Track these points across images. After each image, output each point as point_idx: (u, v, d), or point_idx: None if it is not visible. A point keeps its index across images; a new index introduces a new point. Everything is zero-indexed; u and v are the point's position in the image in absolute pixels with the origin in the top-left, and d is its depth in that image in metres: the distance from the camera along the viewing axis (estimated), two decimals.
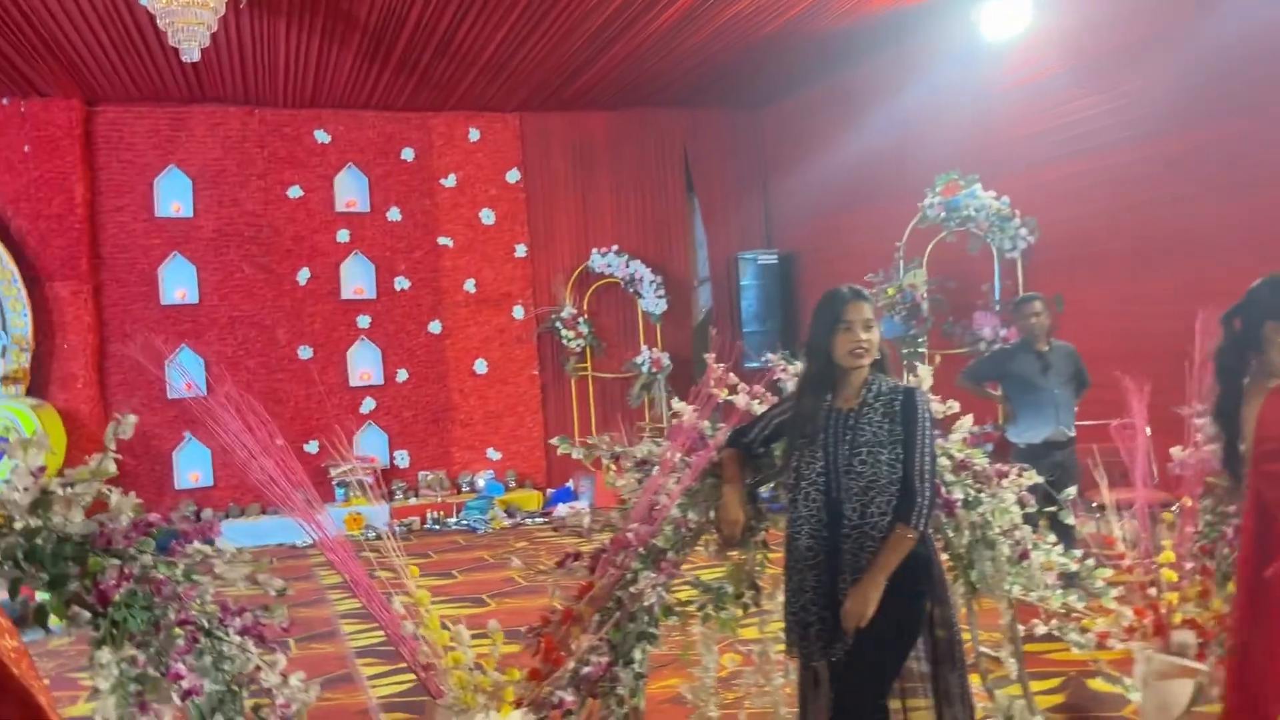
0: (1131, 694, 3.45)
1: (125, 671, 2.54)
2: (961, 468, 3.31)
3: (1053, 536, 3.41)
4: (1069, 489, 3.64)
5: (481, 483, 11.26)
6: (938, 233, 8.90)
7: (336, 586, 7.93)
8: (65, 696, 5.33)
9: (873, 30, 9.40)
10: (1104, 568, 3.45)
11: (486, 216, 11.60)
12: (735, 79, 10.86)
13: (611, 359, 11.94)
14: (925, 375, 3.35)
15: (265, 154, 10.85)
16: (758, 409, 3.29)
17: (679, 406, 3.30)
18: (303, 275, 10.95)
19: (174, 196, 10.59)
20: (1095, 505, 3.94)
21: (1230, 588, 3.30)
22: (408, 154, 11.36)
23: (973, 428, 3.54)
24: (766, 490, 3.37)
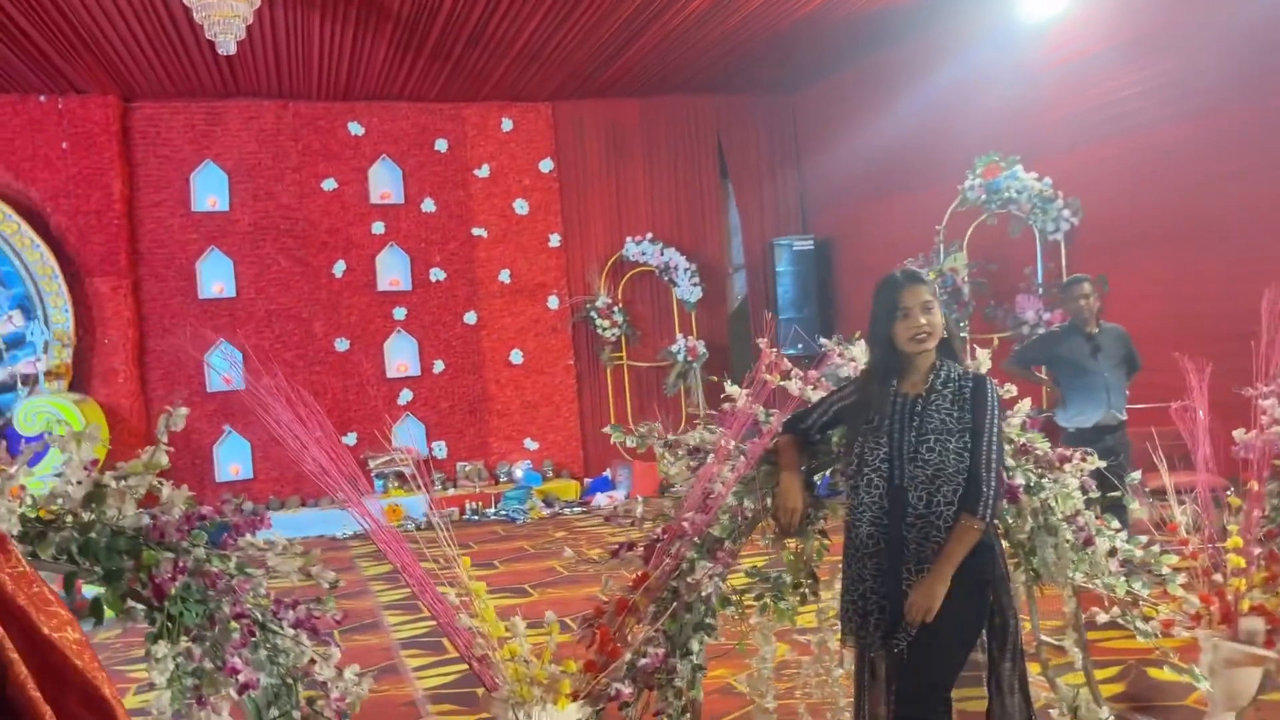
0: (1200, 683, 3.36)
1: (181, 665, 2.52)
2: (1022, 452, 3.22)
3: (1116, 523, 3.32)
4: (1133, 473, 3.54)
5: (519, 473, 11.26)
6: (978, 215, 8.78)
7: (379, 578, 7.95)
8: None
9: (906, 12, 9.28)
10: (1169, 554, 3.36)
11: (520, 206, 11.57)
12: (767, 64, 10.76)
13: (646, 348, 11.89)
14: (984, 358, 3.27)
15: (300, 147, 10.87)
16: (812, 395, 3.22)
17: (731, 391, 3.23)
18: (339, 268, 10.97)
19: (210, 191, 10.64)
20: (1148, 490, 3.85)
21: None
22: (441, 145, 11.34)
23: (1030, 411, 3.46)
24: (819, 478, 3.31)
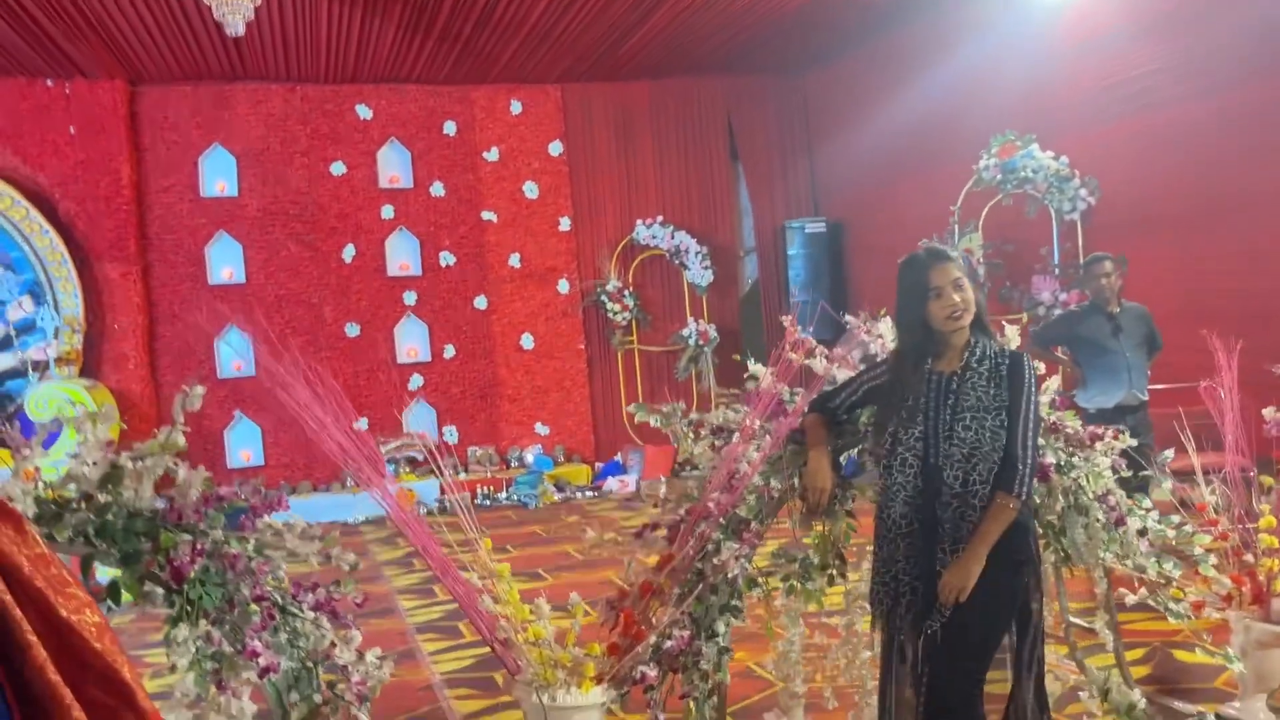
0: (1233, 664, 3.31)
1: (201, 649, 2.48)
2: (1053, 430, 3.16)
3: (1147, 502, 3.26)
4: (1164, 452, 3.48)
5: (530, 458, 11.22)
6: (993, 195, 8.69)
7: (393, 563, 7.93)
8: None
9: None
10: (1201, 534, 3.30)
11: (530, 190, 11.49)
12: (778, 44, 10.65)
13: (657, 332, 11.82)
14: (1012, 335, 3.21)
15: (308, 131, 10.80)
16: (838, 374, 3.16)
17: (755, 369, 3.18)
18: (348, 252, 10.91)
19: (219, 175, 10.59)
20: (1169, 472, 3.80)
21: None
22: (450, 128, 11.26)
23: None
24: (845, 458, 3.25)
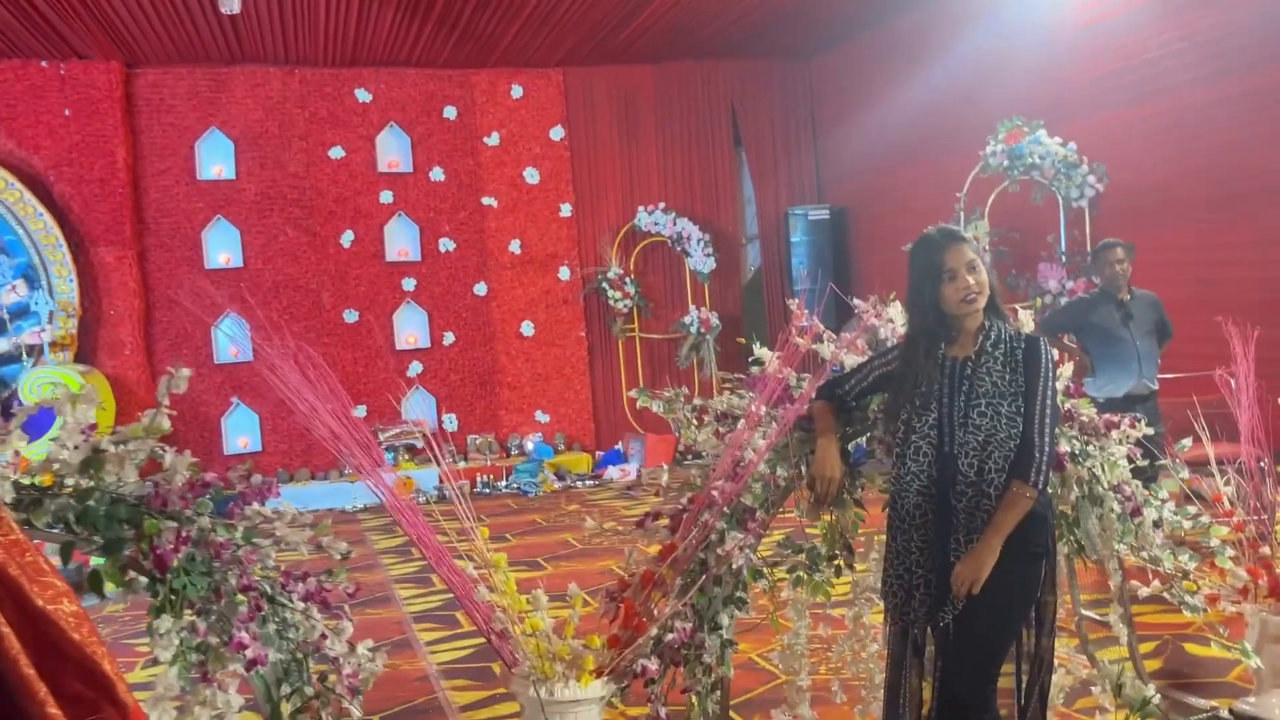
0: (1249, 659, 3.22)
1: (186, 640, 2.39)
2: (1067, 418, 3.07)
3: (1163, 493, 3.16)
4: (1183, 440, 3.39)
5: (530, 446, 11.14)
6: (1000, 182, 8.59)
7: (390, 551, 7.84)
8: (121, 664, 5.24)
9: None
10: (1218, 526, 3.21)
11: (531, 175, 11.38)
12: (783, 28, 10.53)
13: (659, 319, 11.73)
14: (1026, 320, 3.11)
15: (306, 114, 10.69)
16: (848, 360, 3.07)
17: (761, 353, 3.08)
18: (346, 238, 10.81)
19: (216, 159, 10.48)
20: (1179, 462, 3.70)
21: None
22: (450, 112, 11.15)
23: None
24: (853, 445, 3.16)
